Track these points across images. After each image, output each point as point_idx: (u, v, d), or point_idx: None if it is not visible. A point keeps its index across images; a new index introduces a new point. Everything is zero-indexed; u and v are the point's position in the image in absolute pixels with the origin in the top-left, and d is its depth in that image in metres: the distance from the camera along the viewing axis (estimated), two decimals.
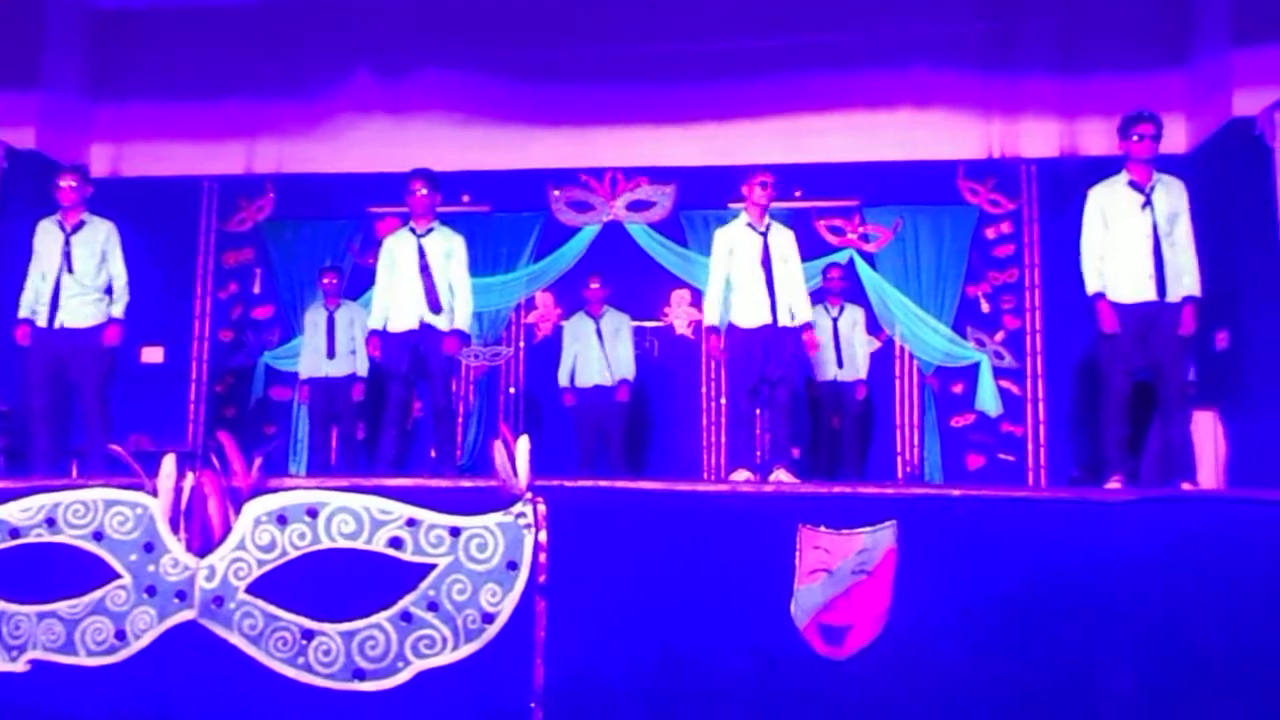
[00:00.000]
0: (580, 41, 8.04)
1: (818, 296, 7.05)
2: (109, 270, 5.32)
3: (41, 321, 5.21)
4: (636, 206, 8.22)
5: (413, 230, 5.47)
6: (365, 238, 8.25)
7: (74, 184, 5.25)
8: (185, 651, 3.63)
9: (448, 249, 5.44)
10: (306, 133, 8.35)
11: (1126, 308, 4.66)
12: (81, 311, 5.22)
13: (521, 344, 8.22)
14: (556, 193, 8.25)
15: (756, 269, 5.23)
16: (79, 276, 5.21)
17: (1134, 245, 4.64)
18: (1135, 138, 4.70)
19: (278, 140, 8.39)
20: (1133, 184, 4.71)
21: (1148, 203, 4.65)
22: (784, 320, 5.23)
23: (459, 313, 5.44)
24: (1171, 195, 4.70)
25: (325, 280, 7.32)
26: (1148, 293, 4.63)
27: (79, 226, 5.26)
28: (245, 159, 8.45)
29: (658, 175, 8.19)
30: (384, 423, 5.45)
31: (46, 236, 5.29)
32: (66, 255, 5.20)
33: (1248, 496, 3.89)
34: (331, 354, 7.17)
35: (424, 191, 5.42)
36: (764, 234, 5.30)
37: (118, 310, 5.35)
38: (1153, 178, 4.71)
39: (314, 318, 7.34)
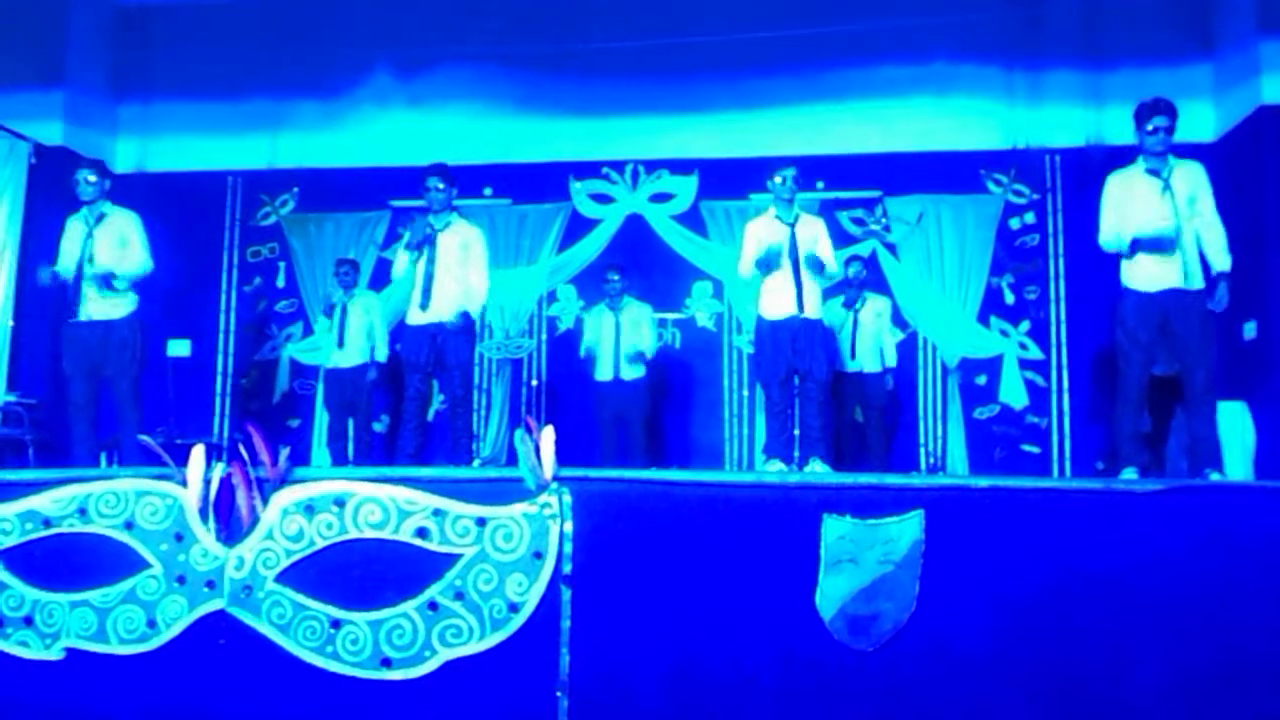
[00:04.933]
0: (600, 33, 8.03)
1: (837, 288, 7.04)
2: (132, 258, 5.31)
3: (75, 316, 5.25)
4: (658, 198, 8.21)
5: (430, 225, 5.49)
6: (388, 231, 8.30)
7: (93, 179, 5.27)
8: (215, 640, 3.67)
9: (463, 241, 5.45)
10: (328, 126, 8.39)
11: (1148, 297, 4.62)
12: (109, 304, 5.25)
13: (544, 336, 8.24)
14: (578, 184, 8.26)
15: (784, 261, 5.26)
16: (100, 269, 5.23)
17: (1155, 232, 4.60)
18: (1150, 129, 4.65)
19: (300, 134, 8.43)
20: (1151, 171, 4.67)
21: (1167, 187, 4.61)
22: (811, 313, 5.26)
23: (471, 301, 5.47)
24: (1191, 177, 4.66)
25: (339, 270, 7.38)
26: (1171, 280, 4.59)
27: (100, 219, 5.29)
28: (268, 153, 8.50)
29: (679, 166, 8.18)
30: (403, 416, 5.49)
31: (71, 232, 5.34)
32: (87, 248, 5.23)
33: (1277, 487, 3.86)
34: (341, 344, 7.23)
35: (440, 188, 5.42)
36: (791, 225, 5.32)
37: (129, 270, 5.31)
38: (1169, 163, 4.66)
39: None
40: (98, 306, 5.24)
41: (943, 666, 3.59)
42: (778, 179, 5.37)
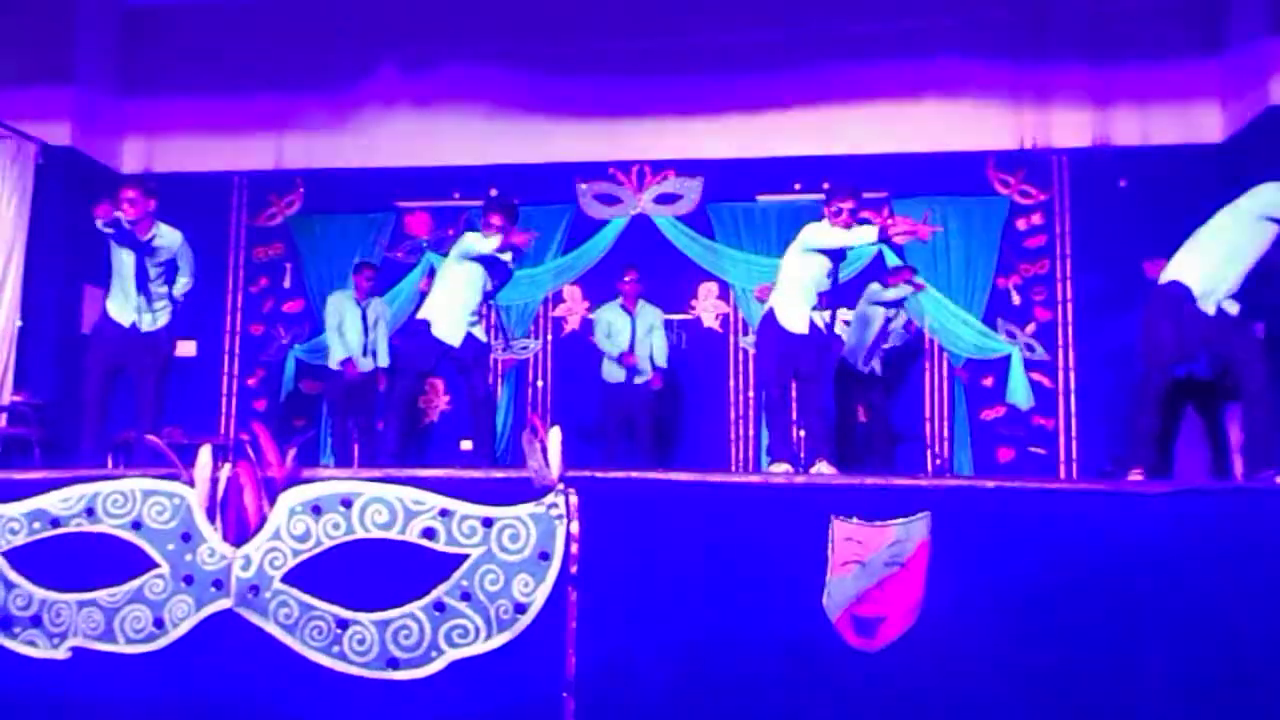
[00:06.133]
0: (606, 34, 8.04)
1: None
2: (180, 277, 5.47)
3: (123, 321, 5.32)
4: (664, 199, 8.21)
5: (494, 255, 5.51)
6: (394, 232, 8.31)
7: (134, 197, 5.19)
8: (222, 640, 3.68)
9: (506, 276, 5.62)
10: (334, 128, 8.40)
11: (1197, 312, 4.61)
12: (153, 317, 5.34)
13: (549, 337, 8.24)
14: (584, 186, 8.26)
15: (824, 285, 5.23)
16: (152, 288, 5.32)
17: None
18: None
19: (306, 135, 8.44)
20: None
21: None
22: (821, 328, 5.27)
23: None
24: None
25: (363, 275, 7.34)
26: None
27: (150, 241, 5.26)
28: (274, 154, 8.51)
29: (685, 168, 8.18)
30: (390, 415, 5.51)
31: (120, 246, 5.28)
32: (141, 270, 5.27)
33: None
34: (367, 351, 7.26)
35: (498, 222, 5.44)
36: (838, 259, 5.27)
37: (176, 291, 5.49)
38: None
39: (340, 306, 7.34)
40: (146, 319, 5.32)
41: (949, 667, 3.58)
42: (837, 213, 5.16)
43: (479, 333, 5.50)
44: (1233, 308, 4.58)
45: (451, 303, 5.43)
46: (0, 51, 7.71)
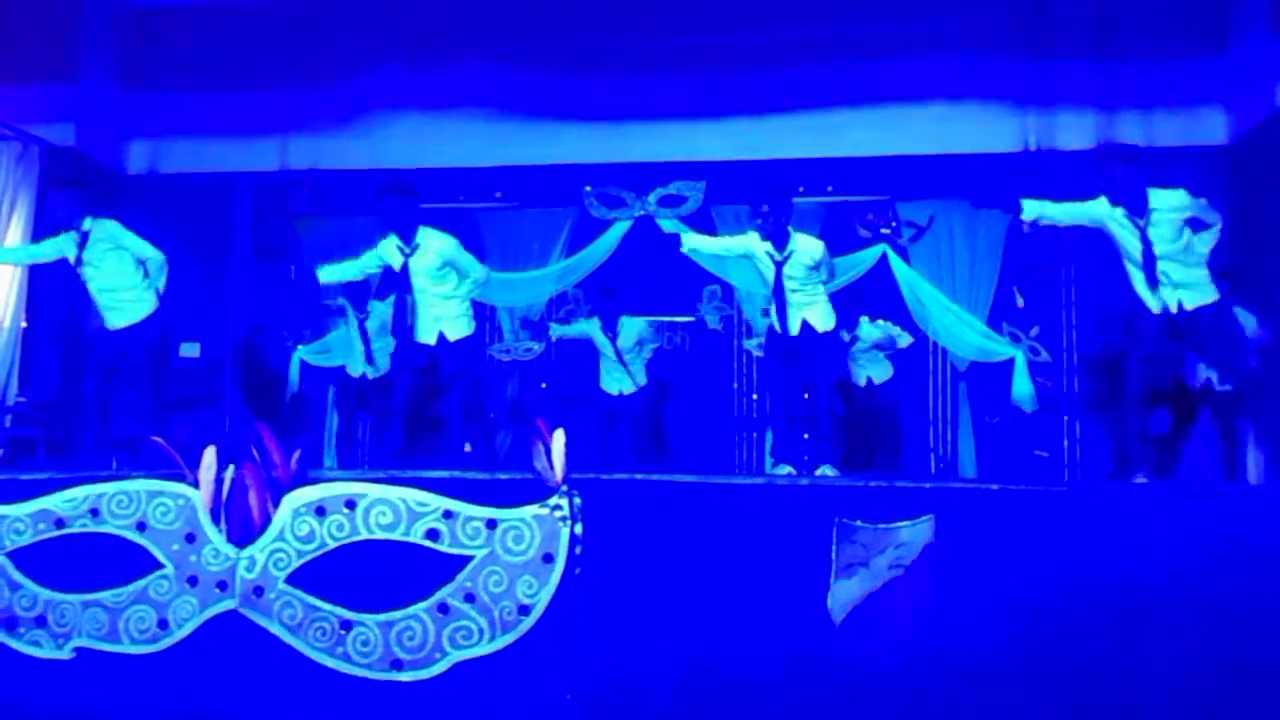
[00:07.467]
0: (612, 36, 8.03)
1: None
2: (134, 259, 5.31)
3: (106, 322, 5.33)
4: (668, 201, 8.20)
5: (400, 249, 5.25)
6: None
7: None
8: (226, 641, 3.69)
9: (442, 259, 5.26)
10: (340, 129, 8.40)
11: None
12: (125, 311, 5.29)
13: (553, 339, 8.23)
14: (588, 188, 8.25)
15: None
16: (104, 282, 5.27)
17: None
18: None
19: (311, 136, 8.44)
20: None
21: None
22: (796, 330, 5.25)
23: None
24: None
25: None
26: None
27: (85, 238, 5.23)
28: (279, 155, 8.52)
29: (689, 169, 8.16)
30: (391, 414, 5.50)
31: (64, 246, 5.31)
32: (79, 265, 5.25)
33: None
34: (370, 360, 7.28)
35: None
36: (779, 263, 5.25)
37: (158, 285, 5.38)
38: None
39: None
40: (119, 315, 5.28)
41: (954, 670, 3.57)
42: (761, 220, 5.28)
43: (454, 329, 5.30)
44: (1189, 299, 4.54)
45: (413, 304, 5.39)
46: (5, 52, 7.72)
